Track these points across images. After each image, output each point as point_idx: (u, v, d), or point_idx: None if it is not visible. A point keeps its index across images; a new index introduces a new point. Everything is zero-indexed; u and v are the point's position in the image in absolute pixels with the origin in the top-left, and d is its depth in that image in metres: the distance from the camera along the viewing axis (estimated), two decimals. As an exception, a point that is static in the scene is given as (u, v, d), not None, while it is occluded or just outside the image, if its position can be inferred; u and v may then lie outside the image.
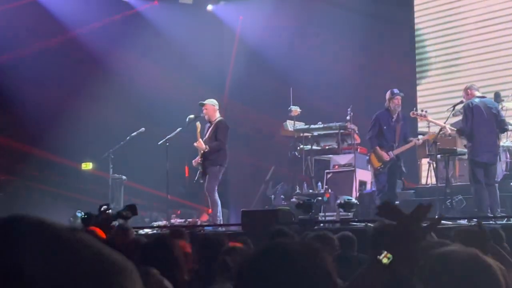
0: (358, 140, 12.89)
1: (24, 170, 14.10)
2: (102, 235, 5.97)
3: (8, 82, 14.15)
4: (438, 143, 10.77)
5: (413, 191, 12.39)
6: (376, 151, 11.14)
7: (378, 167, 11.09)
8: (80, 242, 0.83)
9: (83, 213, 7.85)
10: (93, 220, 7.65)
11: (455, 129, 10.71)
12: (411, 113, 11.53)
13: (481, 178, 9.82)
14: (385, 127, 11.15)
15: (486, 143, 9.93)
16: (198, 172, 11.35)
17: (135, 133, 12.66)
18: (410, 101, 14.00)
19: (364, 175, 12.36)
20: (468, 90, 10.29)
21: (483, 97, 10.29)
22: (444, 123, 11.01)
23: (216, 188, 11.12)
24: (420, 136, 11.58)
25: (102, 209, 7.91)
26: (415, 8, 14.97)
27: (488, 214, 9.56)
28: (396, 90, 11.22)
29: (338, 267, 4.19)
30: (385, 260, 2.20)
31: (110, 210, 7.95)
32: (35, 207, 13.11)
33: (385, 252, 2.17)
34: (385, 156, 11.02)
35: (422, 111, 11.44)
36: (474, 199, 9.90)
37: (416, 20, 14.95)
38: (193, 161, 11.41)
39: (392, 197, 11.11)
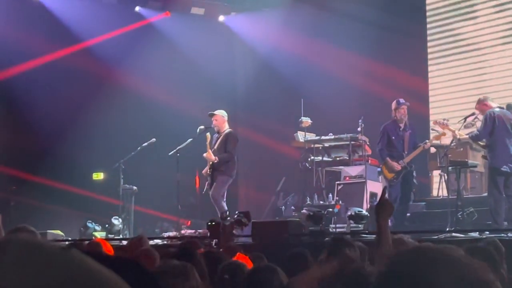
0: (369, 152, 12.86)
1: (35, 180, 14.13)
2: (110, 248, 5.94)
3: (20, 92, 14.23)
4: (449, 155, 10.73)
5: (424, 203, 12.34)
6: (387, 163, 11.17)
7: (392, 178, 11.08)
8: (70, 260, 0.84)
9: (210, 222, 7.86)
10: (220, 226, 7.70)
11: (467, 135, 10.67)
12: (432, 122, 11.52)
13: (502, 188, 9.79)
14: (393, 137, 11.18)
15: (508, 153, 9.91)
16: (207, 183, 11.36)
17: (146, 144, 12.67)
18: (422, 112, 13.99)
19: (375, 186, 12.32)
20: (486, 102, 10.25)
21: (502, 108, 10.27)
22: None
23: (223, 197, 11.12)
24: (427, 140, 11.56)
25: (224, 215, 7.98)
26: (428, 20, 14.95)
27: (503, 226, 9.50)
28: (401, 100, 11.26)
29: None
30: None
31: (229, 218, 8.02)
32: (46, 217, 13.14)
33: None
34: (397, 166, 11.03)
35: (444, 119, 11.40)
36: (491, 210, 9.82)
37: (428, 32, 14.92)
38: (203, 171, 11.43)
39: (404, 209, 11.08)
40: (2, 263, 0.80)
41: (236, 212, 8.97)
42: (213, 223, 8.28)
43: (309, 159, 13.32)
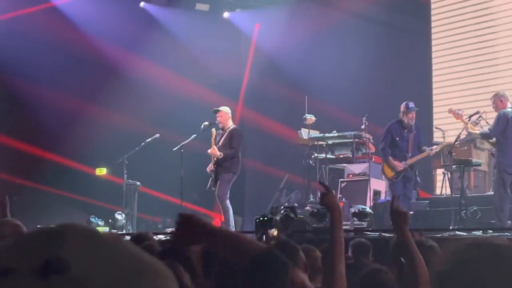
0: (373, 149, 12.85)
1: (39, 175, 14.15)
2: None
3: (25, 87, 14.22)
4: (453, 154, 10.72)
5: (427, 201, 12.34)
6: (388, 162, 11.20)
7: (391, 177, 11.15)
8: (121, 245, 0.90)
9: (261, 218, 7.91)
10: (273, 221, 7.71)
11: (478, 132, 10.65)
12: (448, 110, 11.50)
13: (508, 186, 9.78)
14: (397, 138, 11.19)
15: None
16: (210, 179, 11.37)
17: (149, 139, 12.67)
18: (426, 111, 13.98)
19: (379, 184, 12.33)
20: (502, 99, 10.18)
21: None
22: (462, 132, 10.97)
23: (227, 195, 11.12)
24: (433, 147, 11.54)
25: (274, 211, 7.97)
26: (432, 18, 14.94)
27: (506, 225, 9.51)
28: (411, 105, 11.20)
29: (350, 277, 4.15)
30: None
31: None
32: (49, 212, 13.16)
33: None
34: (398, 166, 11.06)
35: (459, 110, 11.37)
36: (495, 207, 9.83)
37: (433, 31, 14.91)
38: (207, 168, 11.44)
39: (406, 208, 11.08)
40: (65, 247, 0.86)
41: (282, 207, 8.96)
42: (265, 219, 8.26)
43: (312, 156, 13.31)
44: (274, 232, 6.31)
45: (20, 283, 0.82)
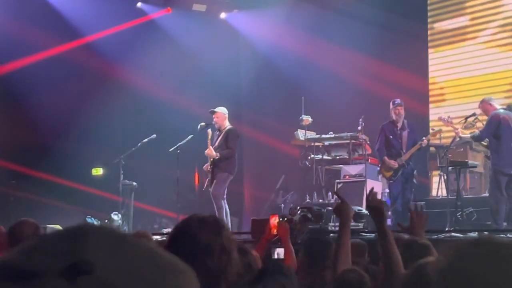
0: (369, 151, 12.86)
1: (35, 174, 14.13)
2: None
3: (21, 87, 14.21)
4: (449, 155, 10.75)
5: (423, 203, 12.35)
6: (384, 162, 11.24)
7: (390, 177, 11.17)
8: (142, 243, 0.92)
9: (280, 219, 7.96)
10: (292, 222, 7.73)
11: (469, 135, 10.69)
12: (437, 117, 11.58)
13: (503, 188, 9.81)
14: (391, 137, 11.27)
15: None
16: (207, 180, 11.38)
17: (146, 140, 12.66)
18: (422, 112, 14.01)
19: (375, 185, 12.31)
20: (491, 102, 10.28)
21: (505, 109, 10.27)
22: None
23: (223, 195, 11.11)
24: (424, 137, 11.59)
25: (293, 211, 8.01)
26: (429, 20, 14.97)
27: (502, 227, 9.53)
28: (397, 101, 11.35)
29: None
30: None
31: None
32: (45, 212, 13.14)
33: None
34: (393, 164, 11.10)
35: (448, 117, 11.43)
36: (491, 210, 9.86)
37: (429, 32, 14.95)
38: (204, 166, 11.43)
39: (406, 204, 11.10)
40: (88, 247, 0.87)
41: (298, 207, 8.96)
42: (286, 219, 8.30)
43: (309, 158, 13.32)
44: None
45: (46, 286, 0.83)
